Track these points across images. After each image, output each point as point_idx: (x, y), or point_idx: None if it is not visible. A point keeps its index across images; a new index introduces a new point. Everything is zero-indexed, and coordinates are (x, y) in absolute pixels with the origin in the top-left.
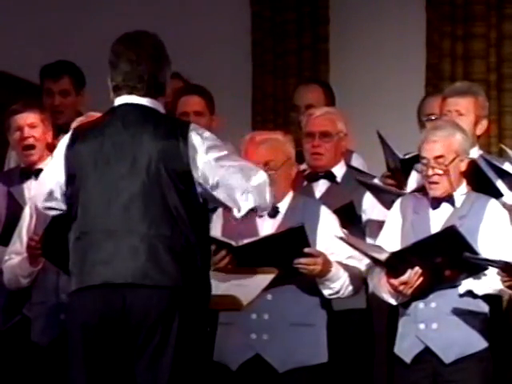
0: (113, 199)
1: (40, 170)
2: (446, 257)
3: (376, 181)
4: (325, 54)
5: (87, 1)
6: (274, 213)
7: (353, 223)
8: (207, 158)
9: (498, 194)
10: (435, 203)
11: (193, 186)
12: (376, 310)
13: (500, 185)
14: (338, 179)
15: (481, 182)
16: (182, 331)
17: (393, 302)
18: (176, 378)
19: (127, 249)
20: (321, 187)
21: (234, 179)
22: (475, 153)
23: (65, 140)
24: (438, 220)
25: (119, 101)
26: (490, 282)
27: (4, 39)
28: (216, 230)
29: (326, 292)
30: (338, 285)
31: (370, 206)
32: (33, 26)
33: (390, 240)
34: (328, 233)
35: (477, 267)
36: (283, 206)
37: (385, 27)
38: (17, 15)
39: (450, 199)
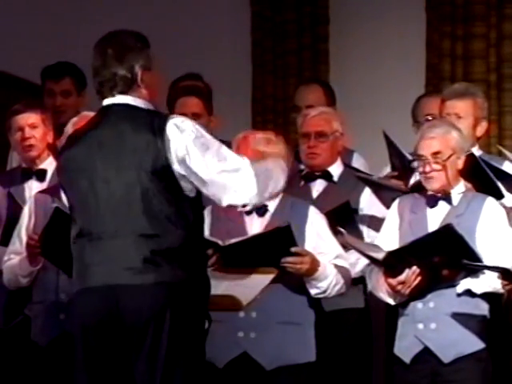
0: (101, 202)
1: (41, 170)
2: (444, 256)
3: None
4: (325, 54)
5: (87, 1)
6: (263, 211)
7: (349, 223)
8: (186, 150)
9: (500, 194)
10: (432, 202)
11: (176, 181)
12: (374, 310)
13: (499, 186)
14: (335, 178)
15: (483, 182)
16: (175, 329)
17: (391, 301)
18: (172, 377)
19: (117, 250)
20: (318, 187)
21: (219, 175)
22: (475, 154)
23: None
24: (435, 219)
25: (104, 102)
26: (488, 281)
27: (4, 39)
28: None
29: (312, 291)
30: (325, 284)
31: (367, 205)
32: (33, 26)
33: (389, 240)
34: (316, 232)
35: (476, 269)
36: (272, 204)
37: (385, 27)
38: (17, 15)
39: (447, 198)
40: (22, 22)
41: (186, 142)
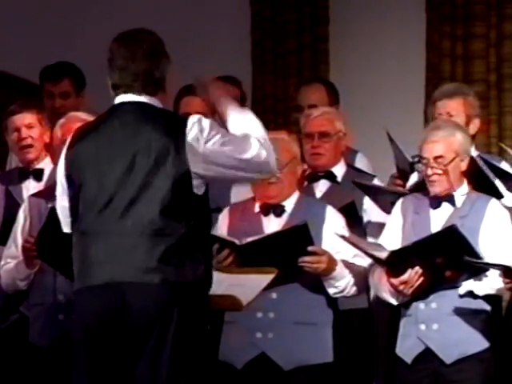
0: (108, 199)
1: (38, 170)
2: (447, 257)
3: (375, 181)
4: (325, 54)
5: (88, 1)
6: (280, 212)
7: (355, 223)
8: (207, 149)
9: (498, 194)
10: (436, 203)
11: (190, 182)
12: (376, 310)
13: (499, 185)
14: (339, 179)
15: (482, 181)
16: (180, 329)
17: (393, 301)
18: (175, 377)
19: (122, 248)
20: (321, 187)
21: (243, 163)
22: (471, 153)
23: (67, 141)
24: (438, 220)
25: (118, 99)
26: (490, 283)
27: (4, 39)
28: (222, 228)
29: (331, 291)
30: (343, 283)
31: (370, 206)
32: (33, 27)
33: (391, 240)
34: (333, 232)
35: (478, 269)
36: (289, 205)
37: (385, 27)
38: (17, 15)
39: (450, 199)
40: (21, 22)
41: (208, 141)
